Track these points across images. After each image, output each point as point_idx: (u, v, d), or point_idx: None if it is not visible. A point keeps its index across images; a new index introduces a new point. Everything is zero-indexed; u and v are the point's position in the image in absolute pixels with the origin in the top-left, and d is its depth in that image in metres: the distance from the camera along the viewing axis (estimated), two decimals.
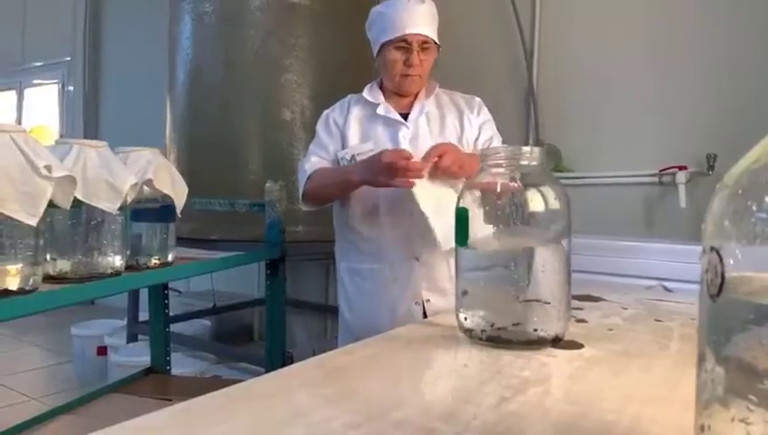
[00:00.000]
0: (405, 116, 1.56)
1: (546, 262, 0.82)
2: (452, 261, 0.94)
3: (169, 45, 3.10)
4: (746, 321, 0.33)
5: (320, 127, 1.63)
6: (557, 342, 0.81)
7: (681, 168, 2.35)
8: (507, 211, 0.82)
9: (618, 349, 0.80)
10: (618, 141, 2.55)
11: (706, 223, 0.36)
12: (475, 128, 1.57)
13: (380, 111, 1.55)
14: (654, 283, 2.04)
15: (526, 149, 0.86)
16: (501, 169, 0.86)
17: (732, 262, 0.34)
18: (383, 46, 1.50)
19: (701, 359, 0.36)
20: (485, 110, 1.62)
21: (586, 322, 0.97)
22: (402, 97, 1.58)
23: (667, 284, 2.02)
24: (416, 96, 1.58)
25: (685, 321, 0.99)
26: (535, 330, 0.79)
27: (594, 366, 0.73)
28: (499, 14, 2.88)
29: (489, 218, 0.84)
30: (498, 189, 0.84)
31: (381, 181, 1.35)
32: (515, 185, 0.83)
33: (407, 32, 1.45)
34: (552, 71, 2.76)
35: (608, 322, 0.98)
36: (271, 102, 2.73)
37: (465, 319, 0.83)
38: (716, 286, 0.34)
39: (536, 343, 0.79)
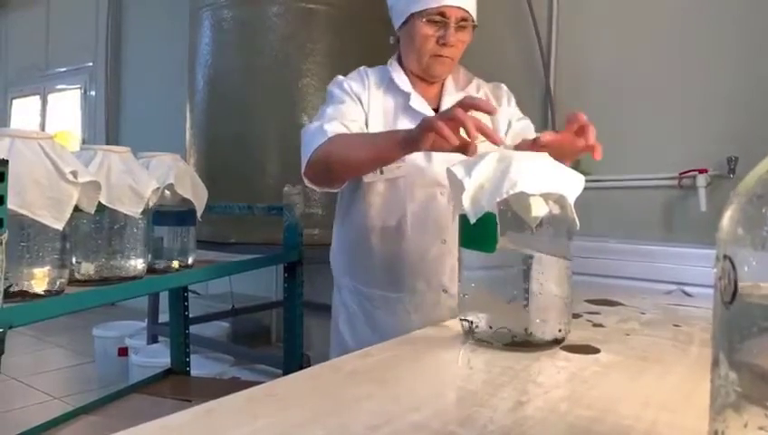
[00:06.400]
0: (434, 111, 1.32)
1: (547, 264, 0.82)
2: None
3: (189, 51, 3.16)
4: (761, 327, 0.33)
5: (338, 91, 1.32)
6: (558, 343, 0.82)
7: (701, 171, 2.32)
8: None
9: (635, 354, 0.80)
10: (637, 144, 2.53)
11: (720, 231, 0.36)
12: (504, 121, 1.35)
13: (414, 104, 1.30)
14: (674, 287, 2.02)
15: None
16: None
17: (746, 269, 0.34)
18: (412, 17, 1.25)
19: (715, 364, 0.37)
20: (513, 100, 1.42)
21: (603, 326, 0.97)
22: (430, 84, 1.36)
23: (687, 288, 2.00)
24: (442, 85, 1.37)
25: (704, 326, 0.98)
26: (531, 332, 0.80)
27: (610, 371, 0.73)
28: (516, 18, 2.88)
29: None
30: None
31: (439, 127, 0.92)
32: None
33: (446, 2, 1.21)
34: (569, 74, 2.74)
35: (625, 326, 0.97)
36: (289, 107, 2.76)
37: (471, 322, 0.84)
38: (729, 294, 0.34)
39: (538, 346, 0.80)
